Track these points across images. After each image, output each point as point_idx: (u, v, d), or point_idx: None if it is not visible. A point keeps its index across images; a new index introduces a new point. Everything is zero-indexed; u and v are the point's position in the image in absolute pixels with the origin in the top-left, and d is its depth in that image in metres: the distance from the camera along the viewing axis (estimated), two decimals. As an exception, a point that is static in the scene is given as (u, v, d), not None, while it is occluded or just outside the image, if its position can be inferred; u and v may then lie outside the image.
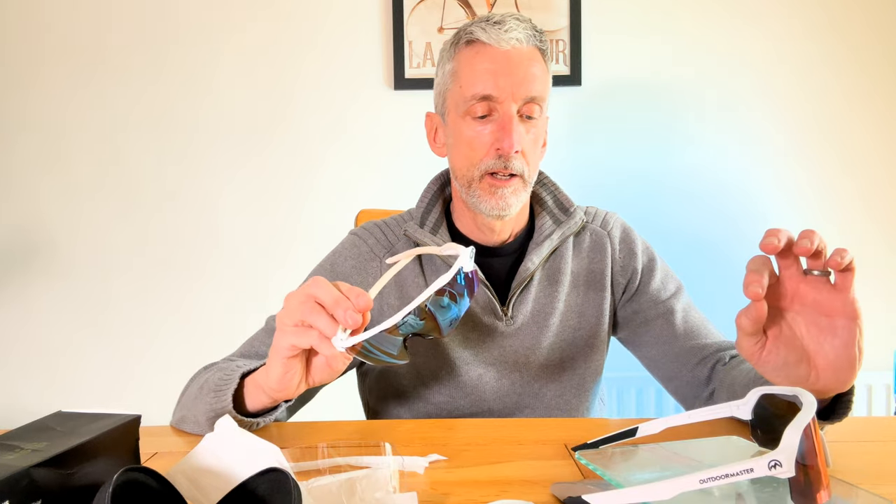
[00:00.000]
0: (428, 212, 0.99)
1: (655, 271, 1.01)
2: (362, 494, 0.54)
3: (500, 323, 0.95)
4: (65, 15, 1.86)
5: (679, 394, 0.98)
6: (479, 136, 0.89)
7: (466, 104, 0.88)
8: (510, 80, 0.86)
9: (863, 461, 0.67)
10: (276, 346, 0.66)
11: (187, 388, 0.86)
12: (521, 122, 0.88)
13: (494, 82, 0.86)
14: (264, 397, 0.72)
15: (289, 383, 0.68)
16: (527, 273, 0.95)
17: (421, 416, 0.97)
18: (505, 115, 0.87)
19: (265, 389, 0.71)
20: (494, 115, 0.88)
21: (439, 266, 0.96)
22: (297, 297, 0.64)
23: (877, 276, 1.83)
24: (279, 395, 0.70)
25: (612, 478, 0.55)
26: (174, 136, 1.88)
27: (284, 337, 0.64)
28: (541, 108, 0.89)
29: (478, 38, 0.88)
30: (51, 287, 1.90)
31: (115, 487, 0.42)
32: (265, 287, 1.88)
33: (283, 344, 0.65)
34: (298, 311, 0.63)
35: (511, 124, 0.86)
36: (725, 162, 1.83)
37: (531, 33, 0.89)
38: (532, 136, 0.90)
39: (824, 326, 0.62)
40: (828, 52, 1.81)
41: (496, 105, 0.87)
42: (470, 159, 0.91)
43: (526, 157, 0.89)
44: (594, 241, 1.01)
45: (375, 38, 1.84)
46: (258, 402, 0.73)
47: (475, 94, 0.87)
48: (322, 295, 0.62)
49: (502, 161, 0.88)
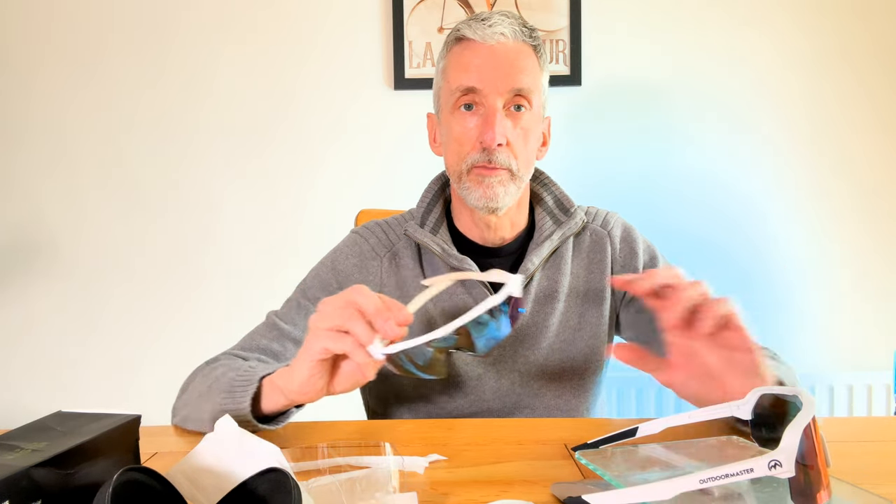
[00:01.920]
0: (428, 212, 1.00)
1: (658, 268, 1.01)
2: (362, 494, 0.54)
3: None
4: (66, 16, 1.86)
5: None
6: (466, 130, 0.89)
7: (453, 97, 0.89)
8: (494, 73, 0.86)
9: (863, 461, 0.67)
10: (307, 349, 0.66)
11: (188, 385, 0.85)
12: (508, 116, 0.88)
13: (478, 75, 0.87)
14: (282, 399, 0.71)
15: (312, 387, 0.67)
16: (527, 274, 0.95)
17: (421, 416, 0.97)
18: (489, 109, 0.87)
19: (284, 391, 0.70)
20: (479, 109, 0.88)
21: (438, 266, 0.97)
22: (334, 302, 0.64)
23: (876, 276, 1.83)
24: (299, 398, 0.69)
25: (612, 478, 0.55)
26: (175, 137, 1.87)
27: (318, 340, 0.64)
28: (529, 101, 0.89)
29: (465, 34, 0.89)
30: (52, 287, 1.90)
31: (115, 487, 0.42)
32: (266, 287, 1.88)
33: (315, 347, 0.65)
34: (336, 316, 0.63)
35: (494, 117, 0.86)
36: (725, 162, 1.83)
37: (518, 29, 0.89)
38: (521, 129, 0.89)
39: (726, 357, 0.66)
40: (828, 52, 1.81)
41: (481, 98, 0.88)
42: (458, 154, 0.91)
43: (513, 149, 0.89)
44: (594, 242, 1.01)
45: (375, 38, 1.84)
46: (273, 404, 0.72)
47: (459, 86, 0.88)
48: (364, 303, 0.63)
49: (486, 155, 0.88)
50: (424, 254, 0.98)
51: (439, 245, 0.95)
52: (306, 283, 1.00)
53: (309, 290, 0.98)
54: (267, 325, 0.95)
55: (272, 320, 0.96)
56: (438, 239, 0.96)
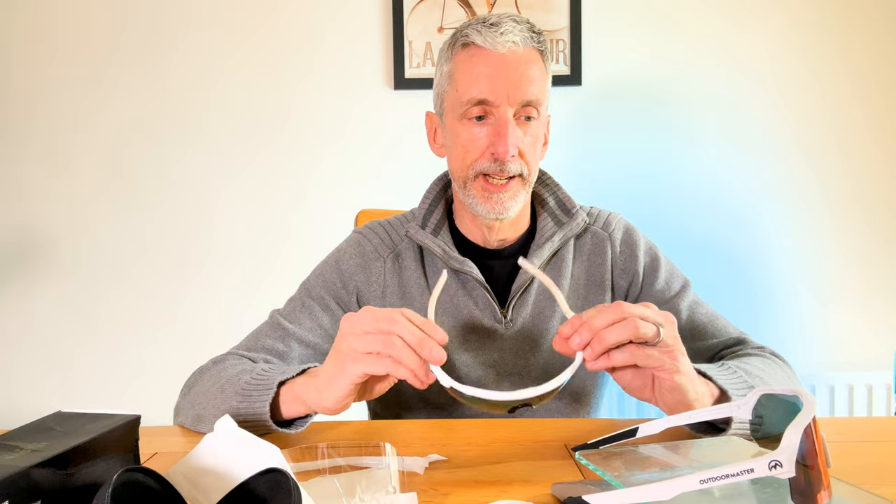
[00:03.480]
0: (430, 213, 0.99)
1: (659, 272, 0.99)
2: (362, 495, 0.54)
3: (499, 326, 0.95)
4: (68, 18, 1.85)
5: None
6: (475, 138, 0.89)
7: (462, 108, 0.88)
8: (506, 83, 0.85)
9: (863, 461, 0.67)
10: (343, 371, 0.67)
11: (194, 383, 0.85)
12: (518, 125, 0.88)
13: (490, 86, 0.86)
14: (302, 408, 0.73)
15: (344, 405, 0.69)
16: (527, 276, 0.94)
17: (422, 417, 0.97)
18: (501, 120, 0.87)
19: (309, 403, 0.71)
20: (490, 119, 0.88)
21: (440, 268, 0.96)
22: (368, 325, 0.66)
23: (876, 276, 1.83)
24: (326, 411, 0.71)
25: (612, 478, 0.55)
26: (175, 137, 1.87)
27: (356, 364, 0.66)
28: (538, 110, 0.89)
29: (473, 41, 0.87)
30: (52, 287, 1.90)
31: (115, 487, 0.42)
32: (267, 287, 1.88)
33: (354, 371, 0.66)
34: (377, 343, 0.65)
35: (507, 129, 0.86)
36: (725, 161, 1.83)
37: (528, 35, 0.88)
38: (531, 137, 0.89)
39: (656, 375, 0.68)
40: (829, 51, 1.81)
41: (492, 109, 0.87)
42: (464, 160, 0.91)
43: (525, 157, 0.89)
44: (595, 244, 1.00)
45: (375, 38, 1.84)
46: (292, 412, 0.73)
47: (471, 98, 0.87)
48: (405, 334, 0.64)
49: (498, 164, 0.88)
50: (426, 255, 0.98)
51: (440, 247, 0.95)
52: (310, 282, 1.00)
53: (313, 290, 0.98)
54: (271, 325, 0.95)
55: (276, 320, 0.95)
56: (440, 240, 0.96)
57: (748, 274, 1.84)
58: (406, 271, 0.98)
